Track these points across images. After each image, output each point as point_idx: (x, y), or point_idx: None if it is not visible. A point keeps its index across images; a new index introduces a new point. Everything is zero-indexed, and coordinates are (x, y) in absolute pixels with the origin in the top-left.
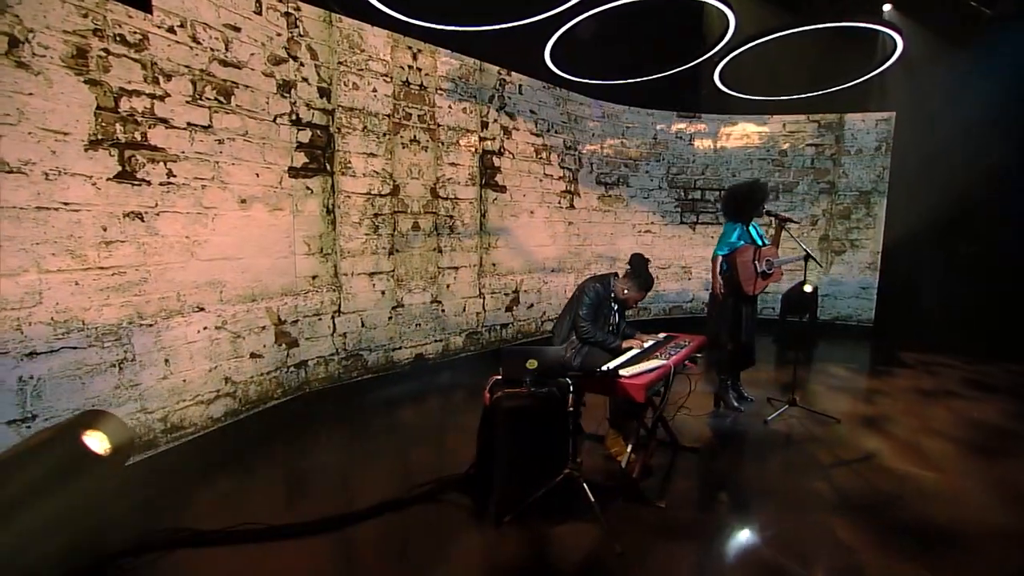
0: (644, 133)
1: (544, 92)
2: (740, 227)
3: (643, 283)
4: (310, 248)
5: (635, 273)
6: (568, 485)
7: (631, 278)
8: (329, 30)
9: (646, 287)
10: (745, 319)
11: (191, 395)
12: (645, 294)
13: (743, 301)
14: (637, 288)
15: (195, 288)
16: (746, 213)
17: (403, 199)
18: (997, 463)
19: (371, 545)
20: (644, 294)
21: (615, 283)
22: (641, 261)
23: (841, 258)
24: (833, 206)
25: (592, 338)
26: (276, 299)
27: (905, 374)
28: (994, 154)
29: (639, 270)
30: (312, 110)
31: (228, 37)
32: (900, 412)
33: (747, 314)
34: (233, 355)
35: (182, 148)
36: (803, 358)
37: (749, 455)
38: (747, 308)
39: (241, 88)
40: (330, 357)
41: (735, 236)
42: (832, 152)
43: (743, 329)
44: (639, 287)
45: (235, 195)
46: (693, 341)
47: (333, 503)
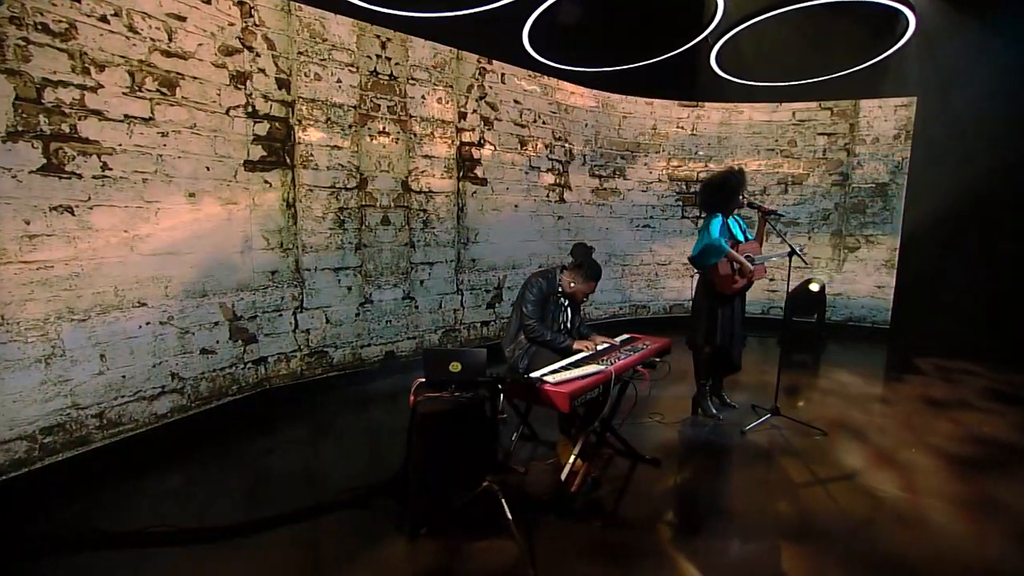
0: (642, 123)
1: (530, 81)
2: (720, 219)
3: (589, 273)
4: (269, 243)
5: (579, 263)
6: (489, 498)
7: (575, 269)
8: (288, 19)
9: (593, 276)
10: (722, 321)
11: (131, 391)
12: (594, 285)
13: (718, 302)
14: (583, 279)
15: (136, 283)
16: (723, 203)
17: (371, 192)
18: (992, 487)
19: (280, 553)
20: (593, 285)
21: (561, 276)
22: (584, 250)
23: (855, 255)
24: (846, 199)
25: (539, 337)
26: (230, 294)
27: (917, 381)
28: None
29: (582, 259)
30: (270, 102)
31: (172, 27)
32: (898, 424)
33: (725, 316)
34: (181, 351)
35: (119, 141)
36: (809, 362)
37: (714, 469)
38: (724, 309)
39: (188, 80)
40: (292, 354)
41: (716, 230)
42: (846, 141)
43: (718, 332)
44: (585, 277)
45: (182, 189)
46: (654, 344)
47: (265, 506)
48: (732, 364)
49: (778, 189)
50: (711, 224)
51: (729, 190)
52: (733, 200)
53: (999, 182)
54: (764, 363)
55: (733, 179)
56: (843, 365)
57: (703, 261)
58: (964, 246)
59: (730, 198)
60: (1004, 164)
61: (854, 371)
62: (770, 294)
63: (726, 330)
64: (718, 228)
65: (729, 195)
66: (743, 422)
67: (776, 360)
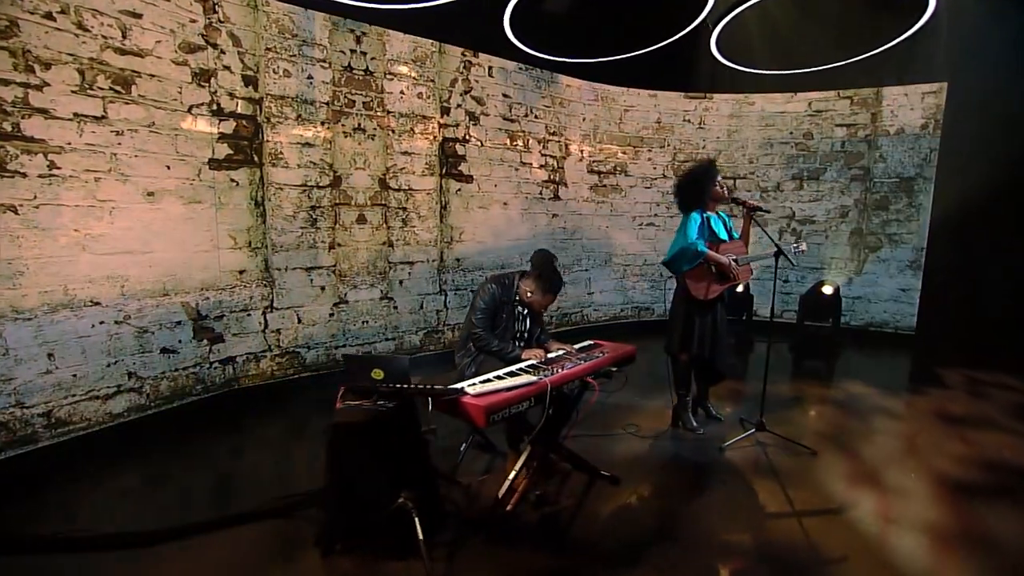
0: (646, 116)
1: (521, 74)
2: (699, 217)
3: (547, 285)
4: (236, 242)
5: (537, 273)
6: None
7: (535, 279)
8: (255, 15)
9: (551, 289)
10: (700, 327)
11: (83, 390)
12: (553, 298)
13: (696, 307)
14: (541, 291)
15: (88, 282)
16: (697, 198)
17: (346, 191)
18: (993, 522)
19: (186, 563)
20: (551, 298)
21: (519, 283)
22: (544, 258)
23: (876, 255)
24: (867, 195)
25: (487, 346)
26: (194, 293)
27: (938, 395)
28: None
29: (542, 269)
30: (236, 99)
31: (126, 24)
32: (903, 444)
33: (704, 321)
34: (139, 350)
35: (68, 139)
36: (822, 369)
37: (678, 489)
38: (703, 315)
39: (144, 77)
40: (261, 354)
41: (695, 230)
42: (867, 133)
43: (695, 339)
44: (543, 289)
45: (139, 188)
46: (613, 353)
47: (205, 510)
48: (717, 373)
49: (792, 185)
50: (688, 224)
51: (700, 184)
52: (706, 193)
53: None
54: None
55: (700, 170)
56: (858, 374)
57: (677, 266)
58: (998, 246)
59: (703, 192)
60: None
61: (869, 381)
62: (783, 295)
63: (705, 337)
64: (696, 228)
65: (701, 189)
66: (726, 437)
67: (788, 368)
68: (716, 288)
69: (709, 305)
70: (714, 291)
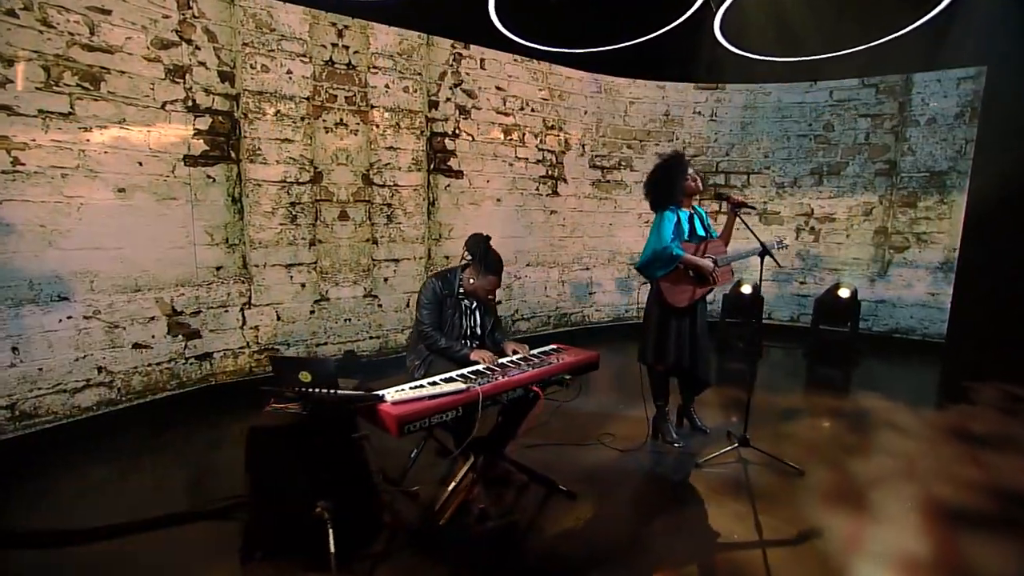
0: (653, 108)
1: (516, 66)
2: (673, 216)
3: (486, 266)
4: (213, 238)
5: (474, 257)
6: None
7: (473, 265)
8: (231, 9)
9: (491, 269)
10: (678, 334)
11: (49, 383)
12: (496, 280)
13: (671, 313)
14: (481, 274)
15: (55, 277)
16: (667, 194)
17: (327, 187)
18: (980, 558)
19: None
20: (495, 280)
21: (461, 275)
22: (477, 241)
23: (903, 256)
24: (894, 191)
25: (434, 344)
26: (169, 290)
27: (962, 411)
28: None
29: (477, 251)
30: (212, 96)
31: (94, 20)
32: (904, 466)
33: (680, 328)
34: (109, 345)
35: (32, 136)
36: (838, 378)
37: (638, 508)
38: (679, 321)
39: (114, 74)
40: (239, 350)
41: (668, 231)
42: (894, 123)
43: (671, 348)
44: (484, 271)
45: (110, 184)
46: (571, 359)
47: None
48: (700, 381)
49: (811, 180)
50: (662, 224)
51: (669, 178)
52: (677, 188)
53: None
54: (785, 379)
55: (668, 164)
56: (877, 385)
57: (651, 271)
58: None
59: (673, 187)
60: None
61: (888, 393)
62: (801, 299)
63: (682, 344)
64: (671, 228)
65: (671, 184)
66: (707, 451)
67: (802, 376)
68: (696, 293)
69: (685, 312)
70: (694, 296)
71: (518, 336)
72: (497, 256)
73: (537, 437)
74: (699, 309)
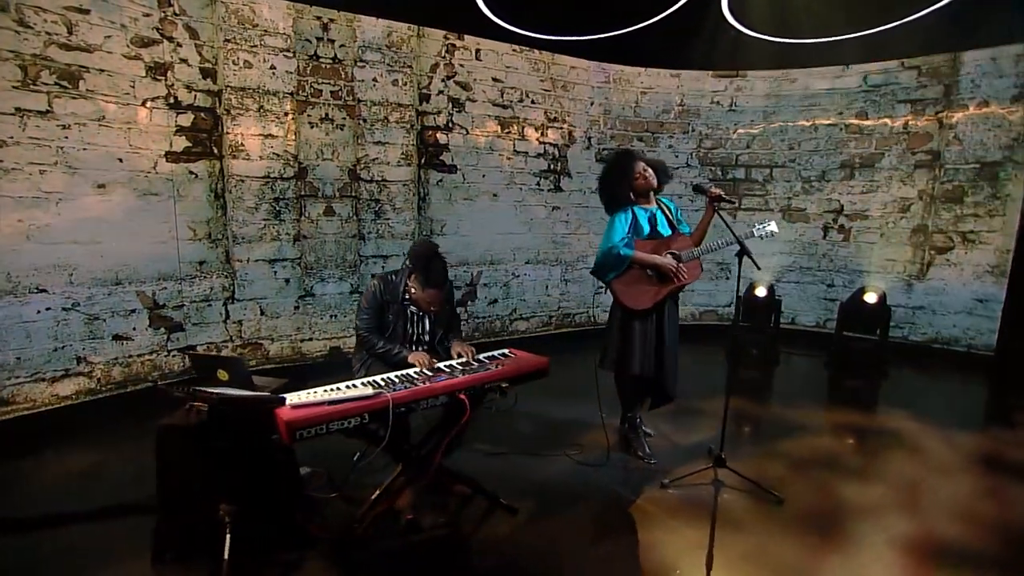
0: (667, 99)
1: (514, 56)
2: (627, 216)
3: (426, 279)
4: (196, 233)
5: (415, 267)
6: None
7: (416, 273)
8: (212, 6)
9: (430, 283)
10: (642, 340)
11: (27, 372)
12: (437, 294)
13: (633, 316)
14: (421, 286)
15: (33, 270)
16: (616, 193)
17: (312, 182)
18: None
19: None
20: (436, 294)
21: (407, 281)
22: (420, 249)
23: (945, 258)
24: (936, 185)
25: (372, 347)
26: (151, 283)
27: (1005, 436)
28: None
29: (419, 261)
30: (194, 92)
31: (72, 20)
32: (909, 498)
33: (645, 333)
34: (89, 336)
35: (9, 133)
36: (863, 392)
37: (584, 530)
38: (643, 324)
39: (93, 72)
40: (223, 344)
41: (618, 232)
42: (938, 109)
43: (635, 352)
44: (423, 283)
45: (89, 180)
46: (513, 365)
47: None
48: (663, 395)
49: (840, 174)
50: (612, 224)
51: (611, 178)
52: (623, 186)
53: None
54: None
55: (611, 163)
56: (908, 401)
57: (603, 274)
58: None
59: (616, 186)
60: None
61: (919, 411)
62: (826, 304)
63: (648, 350)
64: (623, 227)
65: (616, 182)
66: (679, 470)
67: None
68: (660, 292)
69: (651, 311)
70: (656, 297)
71: (515, 338)
72: (441, 268)
73: (503, 445)
74: (668, 312)
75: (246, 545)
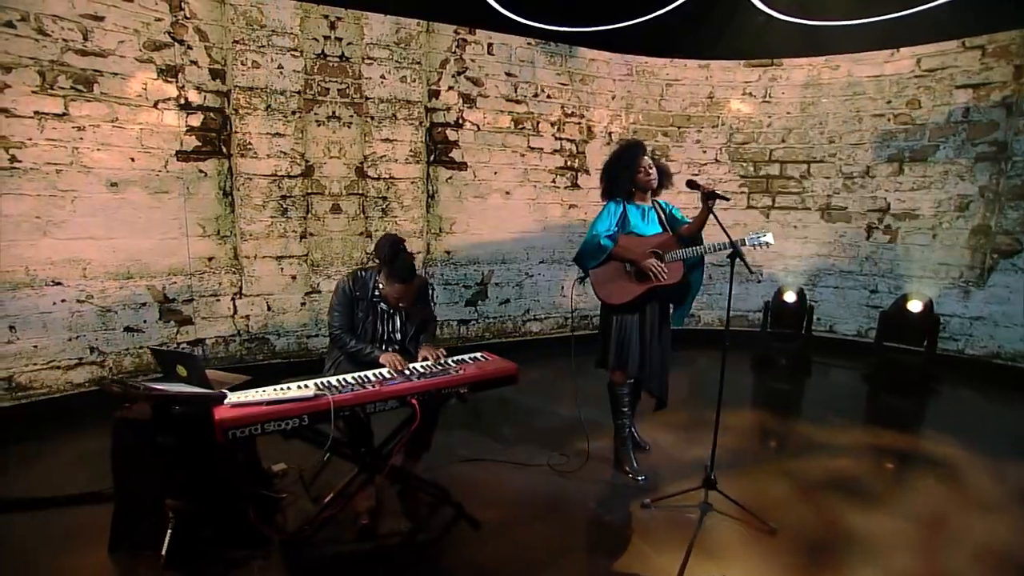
0: (694, 91)
1: (529, 50)
2: (617, 208)
3: (391, 272)
4: (205, 230)
5: (380, 261)
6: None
7: (383, 268)
8: (221, 8)
9: (397, 276)
10: (617, 334)
11: (43, 360)
12: (403, 288)
13: (609, 311)
14: (388, 281)
15: (50, 264)
16: (612, 183)
17: (319, 180)
18: None
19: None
20: (400, 288)
21: (377, 277)
22: (385, 243)
23: (1011, 262)
24: (1001, 181)
25: (343, 346)
26: (161, 278)
27: None
28: None
29: (384, 255)
30: (204, 93)
31: (87, 27)
32: (925, 534)
33: (631, 330)
34: (102, 327)
35: (28, 135)
36: (909, 411)
37: (545, 551)
38: (626, 319)
39: (107, 76)
40: (231, 338)
41: (604, 223)
42: (1006, 94)
43: (609, 349)
44: (389, 277)
45: (102, 179)
46: (478, 371)
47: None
48: (656, 400)
49: (887, 169)
50: (599, 215)
51: (620, 163)
52: (620, 178)
53: None
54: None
55: (614, 153)
56: (954, 423)
57: (583, 262)
58: None
59: (622, 171)
60: None
61: (964, 435)
62: (865, 311)
63: (626, 348)
64: (610, 218)
65: (620, 168)
66: (667, 488)
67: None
68: (635, 290)
69: (634, 309)
70: (632, 293)
71: (529, 339)
72: (407, 261)
73: (491, 450)
74: (653, 313)
75: (193, 541)
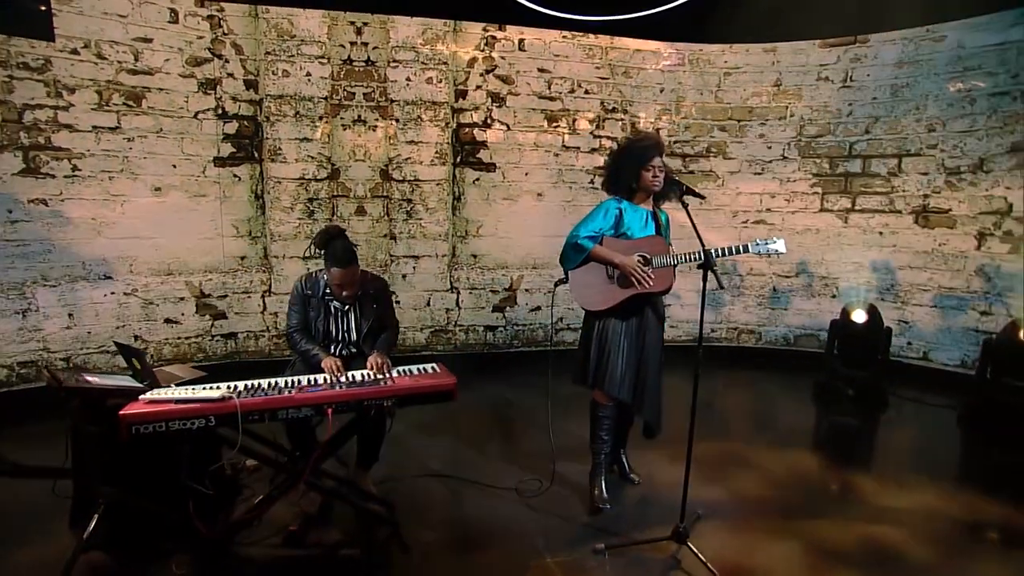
0: (758, 79)
1: (564, 44)
2: (612, 206)
3: (327, 257)
4: (238, 231)
5: (317, 248)
6: None
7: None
8: (255, 23)
9: (335, 262)
10: (602, 342)
11: (95, 344)
12: (341, 272)
13: (587, 317)
14: (328, 268)
15: (102, 260)
16: (612, 179)
17: (344, 183)
18: None
19: None
20: (339, 273)
21: (325, 274)
22: (320, 232)
23: None
24: None
25: (295, 346)
26: (198, 275)
27: None
28: None
29: (322, 243)
30: (239, 102)
31: (138, 49)
32: None
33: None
34: (144, 318)
35: (87, 147)
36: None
37: None
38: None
39: (154, 91)
40: (260, 333)
41: (595, 221)
42: None
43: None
44: (328, 264)
45: (148, 184)
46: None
47: None
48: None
49: (1009, 161)
50: (592, 214)
51: (627, 158)
52: (622, 174)
53: None
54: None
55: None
56: None
57: (565, 262)
58: None
59: (630, 164)
60: None
61: None
62: (979, 336)
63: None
64: (600, 217)
65: (623, 163)
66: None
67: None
68: (615, 296)
69: (619, 316)
70: (612, 300)
71: (560, 349)
72: (345, 246)
73: (461, 466)
74: (643, 320)
75: (125, 528)
